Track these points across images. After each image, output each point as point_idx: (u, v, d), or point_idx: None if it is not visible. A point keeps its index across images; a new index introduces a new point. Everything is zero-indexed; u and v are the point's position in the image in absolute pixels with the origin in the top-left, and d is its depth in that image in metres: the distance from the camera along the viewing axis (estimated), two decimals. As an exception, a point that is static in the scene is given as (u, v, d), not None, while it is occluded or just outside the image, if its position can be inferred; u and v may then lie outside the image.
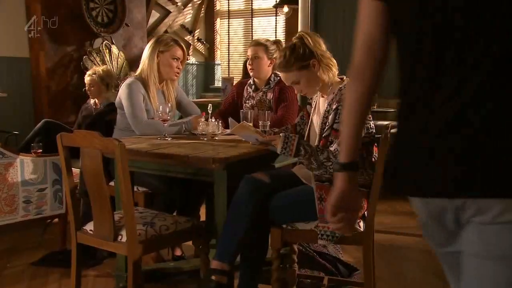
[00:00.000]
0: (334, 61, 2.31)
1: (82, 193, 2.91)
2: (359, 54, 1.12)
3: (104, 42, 5.32)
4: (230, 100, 3.26)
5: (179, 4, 6.94)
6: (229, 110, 3.22)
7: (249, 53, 3.11)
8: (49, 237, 3.39)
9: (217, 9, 7.68)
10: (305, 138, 2.49)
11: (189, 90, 7.44)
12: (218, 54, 7.79)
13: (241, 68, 6.67)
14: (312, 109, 2.49)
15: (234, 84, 5.77)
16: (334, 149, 2.16)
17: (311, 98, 2.54)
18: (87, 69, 4.70)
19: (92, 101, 4.34)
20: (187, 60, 3.04)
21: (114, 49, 5.42)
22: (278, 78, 3.14)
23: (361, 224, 2.23)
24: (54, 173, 3.03)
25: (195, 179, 2.53)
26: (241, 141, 2.55)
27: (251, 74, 3.15)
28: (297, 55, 2.27)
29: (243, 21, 7.56)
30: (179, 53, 2.94)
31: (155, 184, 2.78)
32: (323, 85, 2.33)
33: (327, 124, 2.23)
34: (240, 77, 6.47)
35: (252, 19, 7.46)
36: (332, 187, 1.25)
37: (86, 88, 4.30)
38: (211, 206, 3.13)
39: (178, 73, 2.97)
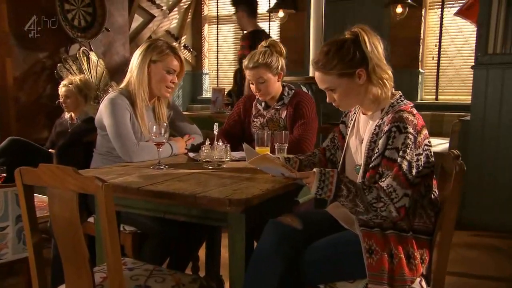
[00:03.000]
0: (390, 74, 1.79)
1: (53, 231, 2.33)
2: None
3: (82, 48, 4.86)
4: (235, 117, 2.71)
5: (164, 8, 6.52)
6: (235, 129, 2.68)
7: (250, 77, 2.52)
8: (12, 282, 2.78)
9: (205, 14, 7.25)
10: (339, 168, 1.96)
11: (175, 102, 6.90)
12: (206, 62, 7.36)
13: (231, 78, 6.21)
14: (349, 129, 1.96)
15: (225, 94, 5.25)
16: (387, 185, 1.64)
17: (345, 115, 2.03)
18: (62, 79, 4.24)
19: (67, 115, 3.86)
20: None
21: (93, 56, 4.95)
22: (293, 91, 2.61)
23: (423, 283, 1.70)
24: (17, 207, 2.43)
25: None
26: (257, 171, 2.01)
27: (261, 98, 2.60)
28: (342, 56, 1.74)
29: (233, 27, 7.11)
30: (175, 64, 2.38)
31: (147, 224, 2.21)
32: (367, 100, 1.81)
33: (376, 151, 1.70)
34: (230, 88, 5.99)
35: (243, 25, 6.96)
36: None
37: (61, 100, 3.81)
38: (213, 249, 2.61)
39: (171, 88, 2.41)
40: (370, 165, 1.72)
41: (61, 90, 3.77)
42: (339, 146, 2.03)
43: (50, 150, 3.74)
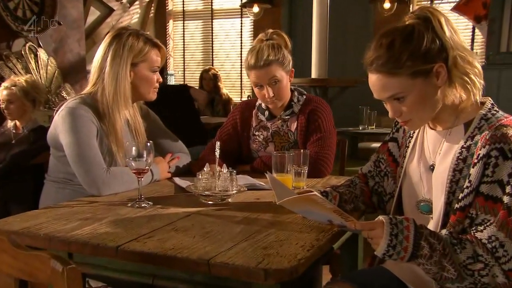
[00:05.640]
0: (480, 67, 1.27)
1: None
2: None
3: (28, 44, 4.34)
4: (229, 130, 2.14)
5: (124, 1, 6.09)
6: (229, 146, 2.10)
7: (259, 79, 1.97)
8: None
9: (169, 9, 6.84)
10: (393, 204, 1.43)
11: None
12: (171, 62, 6.93)
13: (198, 79, 5.62)
14: (407, 150, 1.43)
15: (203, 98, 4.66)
16: (489, 237, 1.12)
17: (397, 130, 1.50)
18: (3, 79, 3.73)
19: (11, 123, 3.27)
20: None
21: (42, 53, 4.44)
22: (304, 97, 2.07)
23: None
24: None
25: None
26: (279, 208, 1.44)
27: (271, 106, 2.05)
28: (415, 48, 1.21)
29: (201, 24, 6.71)
30: (159, 59, 1.87)
31: (124, 280, 1.62)
32: (446, 109, 1.29)
33: (467, 184, 1.18)
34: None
35: (212, 21, 6.60)
36: None
37: (2, 106, 3.22)
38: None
39: (157, 88, 1.86)
40: (457, 206, 1.19)
41: (2, 93, 3.19)
42: (388, 173, 1.50)
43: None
